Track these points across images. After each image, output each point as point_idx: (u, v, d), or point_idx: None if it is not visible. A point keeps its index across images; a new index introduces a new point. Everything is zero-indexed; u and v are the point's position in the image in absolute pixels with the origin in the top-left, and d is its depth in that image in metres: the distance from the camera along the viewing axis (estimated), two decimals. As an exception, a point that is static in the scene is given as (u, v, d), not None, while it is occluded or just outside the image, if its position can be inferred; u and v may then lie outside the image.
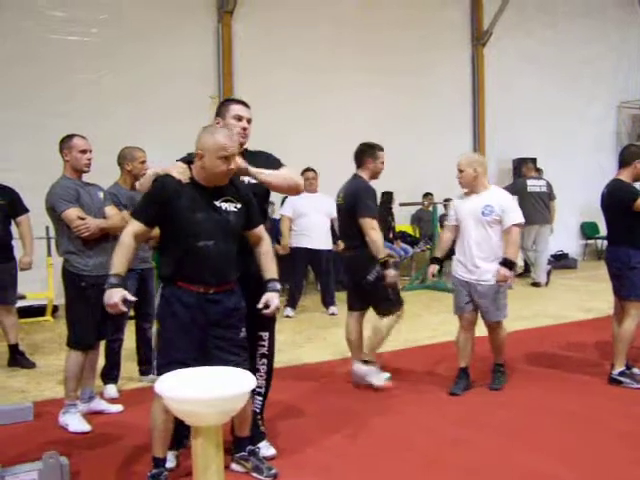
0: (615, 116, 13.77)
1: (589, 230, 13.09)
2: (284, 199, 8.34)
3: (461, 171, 4.49)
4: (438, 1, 11.49)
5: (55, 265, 6.90)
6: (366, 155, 4.70)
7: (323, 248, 7.58)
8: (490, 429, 3.81)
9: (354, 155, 4.76)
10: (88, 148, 4.02)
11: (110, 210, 4.12)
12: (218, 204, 3.02)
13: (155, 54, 8.89)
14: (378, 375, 4.67)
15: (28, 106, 8.07)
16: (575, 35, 12.86)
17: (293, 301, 7.62)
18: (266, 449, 3.41)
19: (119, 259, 2.96)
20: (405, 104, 10.92)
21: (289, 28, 9.89)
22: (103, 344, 4.38)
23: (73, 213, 3.85)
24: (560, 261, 11.73)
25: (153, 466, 3.07)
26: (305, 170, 7.66)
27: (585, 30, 13.00)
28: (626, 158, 4.65)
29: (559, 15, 12.61)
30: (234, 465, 3.29)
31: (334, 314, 7.49)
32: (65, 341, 4.02)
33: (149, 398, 3.35)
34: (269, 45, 9.69)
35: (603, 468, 3.27)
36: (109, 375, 4.61)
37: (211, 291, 3.01)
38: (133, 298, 2.98)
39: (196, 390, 2.41)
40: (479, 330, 4.68)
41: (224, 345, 3.04)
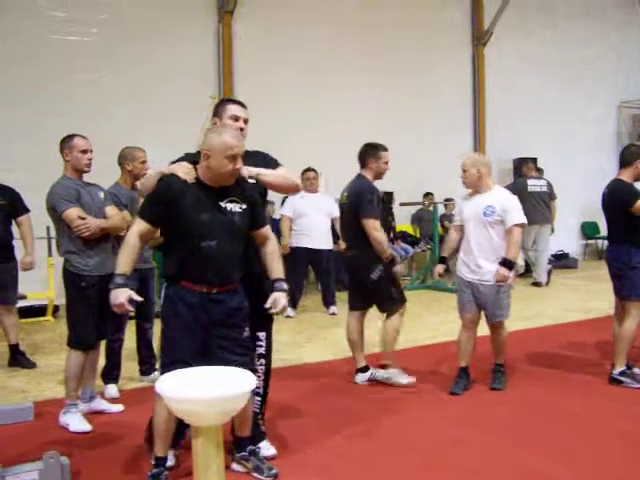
0: (615, 116, 13.76)
1: (589, 230, 13.09)
2: (284, 199, 8.33)
3: (465, 171, 4.49)
4: (438, 1, 11.49)
5: (56, 265, 6.90)
6: (369, 155, 4.70)
7: (323, 248, 7.58)
8: (490, 429, 3.81)
9: (358, 155, 4.77)
10: (89, 148, 4.02)
11: (110, 210, 4.13)
12: (223, 205, 3.01)
13: (155, 54, 8.89)
14: (402, 375, 4.73)
15: (28, 106, 8.07)
16: (575, 35, 12.86)
17: (294, 301, 7.61)
18: (267, 449, 3.41)
19: (124, 259, 2.97)
20: (405, 104, 10.92)
21: (289, 28, 9.89)
22: (104, 344, 4.38)
23: (74, 213, 3.85)
24: (561, 261, 11.73)
25: (154, 465, 3.08)
26: (305, 170, 7.67)
27: (585, 30, 12.99)
28: (627, 158, 4.64)
29: (559, 15, 12.61)
30: (235, 465, 3.29)
31: (335, 314, 7.49)
32: (66, 341, 4.02)
33: (150, 398, 3.36)
34: (269, 45, 9.69)
35: (603, 468, 3.27)
36: (110, 375, 4.61)
37: (214, 291, 3.01)
38: (139, 298, 2.98)
39: (196, 390, 2.41)
40: (480, 330, 4.68)
41: (227, 345, 3.04)
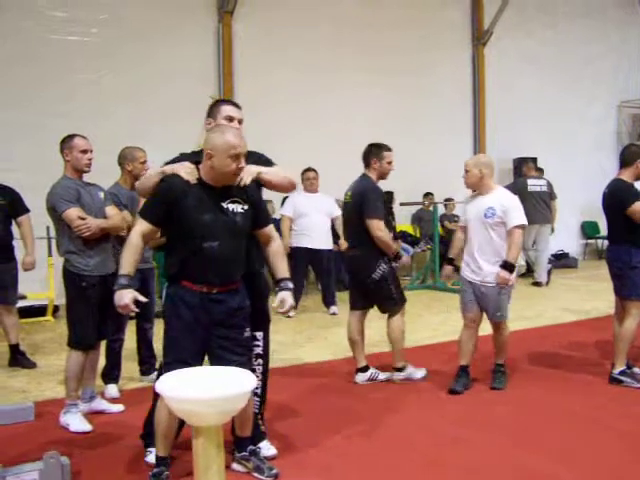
0: (615, 116, 13.76)
1: (590, 230, 13.09)
2: (284, 199, 8.34)
3: (467, 171, 4.50)
4: (438, 1, 11.49)
5: (56, 265, 6.90)
6: (372, 155, 4.70)
7: (324, 248, 7.58)
8: (490, 429, 3.81)
9: (362, 155, 4.77)
10: (89, 148, 4.02)
11: (111, 210, 4.13)
12: (225, 205, 3.01)
13: (155, 54, 8.90)
14: (416, 371, 4.79)
15: (28, 106, 8.07)
16: (575, 35, 12.85)
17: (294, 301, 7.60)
18: (267, 449, 3.41)
19: (128, 259, 2.96)
20: (405, 104, 10.92)
21: (289, 28, 9.89)
22: (104, 344, 4.38)
23: (74, 213, 3.85)
24: (561, 260, 11.73)
25: (155, 465, 3.08)
26: (305, 170, 7.67)
27: (585, 30, 12.99)
28: (627, 158, 4.64)
29: (559, 15, 12.61)
30: (235, 465, 3.29)
31: (335, 314, 7.49)
32: (66, 341, 4.02)
33: (150, 398, 3.37)
34: (269, 45, 9.69)
35: (603, 468, 3.27)
36: (110, 375, 4.61)
37: (214, 291, 3.01)
38: (144, 299, 2.98)
39: (197, 390, 2.41)
40: (481, 330, 4.68)
41: (228, 345, 3.04)
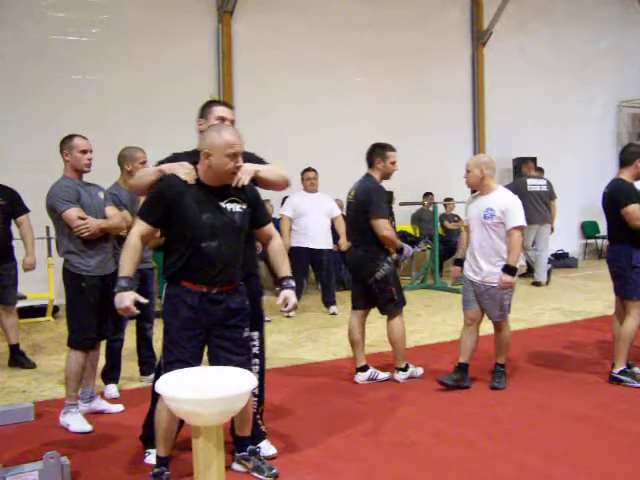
0: (615, 115, 13.75)
1: (589, 229, 13.08)
2: (284, 199, 8.34)
3: (468, 172, 4.51)
4: (438, 1, 11.48)
5: (55, 265, 6.91)
6: (376, 155, 4.71)
7: (323, 248, 7.58)
8: (490, 428, 3.81)
9: (366, 155, 4.78)
10: (89, 148, 4.02)
11: (110, 210, 4.12)
12: (224, 205, 3.01)
13: (155, 55, 8.90)
14: (417, 369, 4.86)
15: (28, 106, 8.08)
16: (575, 35, 12.84)
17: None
18: (267, 449, 3.41)
19: (127, 261, 2.95)
20: (405, 104, 10.91)
21: (289, 28, 9.89)
22: (104, 344, 4.37)
23: (73, 213, 3.85)
24: (560, 260, 11.73)
25: (155, 465, 3.08)
26: (305, 170, 7.68)
27: (585, 30, 12.97)
28: (627, 157, 4.65)
29: (559, 15, 12.59)
30: (235, 465, 3.29)
31: (334, 314, 7.49)
32: (66, 341, 4.02)
33: (150, 398, 3.37)
34: (269, 45, 9.69)
35: (603, 468, 3.27)
36: (110, 375, 4.61)
37: (214, 291, 3.00)
38: (144, 300, 2.98)
39: (196, 390, 2.41)
40: (482, 330, 4.70)
41: (227, 345, 3.04)
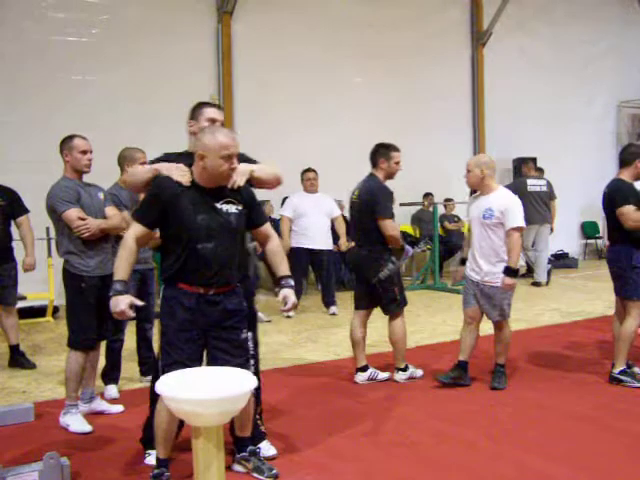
0: (615, 115, 13.75)
1: (589, 229, 13.08)
2: (284, 199, 8.34)
3: (469, 171, 4.53)
4: (438, 1, 11.49)
5: (55, 266, 6.91)
6: (380, 155, 4.71)
7: (323, 248, 7.59)
8: (490, 428, 3.81)
9: (370, 155, 4.78)
10: (88, 149, 4.02)
11: (110, 210, 4.12)
12: (219, 206, 3.01)
13: (155, 55, 8.90)
14: (417, 370, 4.85)
15: (28, 107, 8.08)
16: (575, 35, 12.84)
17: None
18: (267, 449, 3.41)
19: (122, 264, 2.95)
20: (405, 104, 10.91)
21: (288, 28, 9.89)
22: (104, 344, 4.37)
23: (73, 214, 3.85)
24: (560, 261, 11.73)
25: (155, 466, 3.08)
26: (305, 170, 7.69)
27: (585, 30, 12.97)
28: (626, 157, 4.65)
29: (559, 15, 12.59)
30: (236, 466, 3.29)
31: (334, 314, 7.49)
32: (66, 342, 4.02)
33: (148, 400, 3.37)
34: (268, 45, 9.69)
35: (603, 468, 3.27)
36: (110, 375, 4.61)
37: (211, 292, 3.00)
38: (140, 303, 2.97)
39: (196, 391, 2.41)
40: (481, 330, 4.70)
41: (225, 346, 3.04)
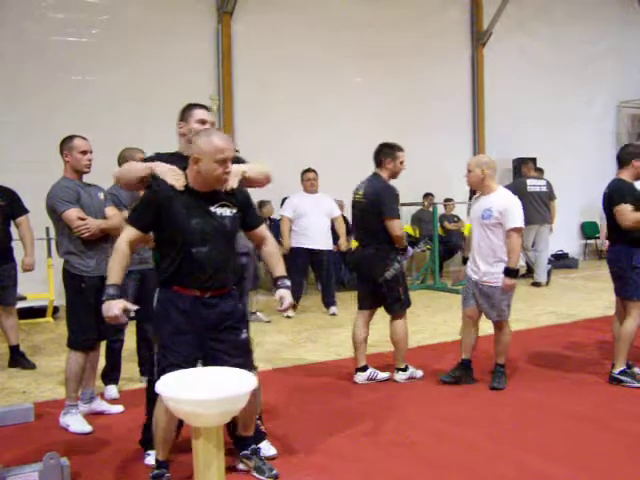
0: (615, 116, 13.75)
1: (589, 230, 13.08)
2: (284, 199, 8.34)
3: (469, 171, 4.53)
4: (438, 1, 11.48)
5: (55, 266, 6.91)
6: (385, 155, 4.70)
7: (323, 248, 7.59)
8: (490, 428, 3.81)
9: (374, 154, 4.77)
10: (89, 149, 4.02)
11: (110, 210, 4.12)
12: (213, 209, 3.00)
13: (155, 55, 8.90)
14: (417, 370, 4.85)
15: (28, 107, 8.08)
16: (575, 35, 12.84)
17: (293, 301, 7.58)
18: (267, 449, 3.41)
19: (115, 268, 2.94)
20: (405, 104, 10.91)
21: (288, 28, 9.89)
22: (104, 345, 4.37)
23: (73, 214, 3.85)
24: (560, 261, 11.73)
25: (155, 467, 3.08)
26: (305, 171, 7.69)
27: (585, 30, 12.97)
28: (624, 158, 4.67)
29: (559, 15, 12.59)
30: (240, 464, 3.28)
31: (334, 314, 7.49)
32: (65, 342, 4.02)
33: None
34: (268, 45, 9.69)
35: (603, 468, 3.27)
36: (110, 376, 4.61)
37: (207, 295, 3.00)
38: (133, 307, 2.97)
39: (196, 391, 2.41)
40: (481, 330, 4.71)
41: (222, 347, 3.03)
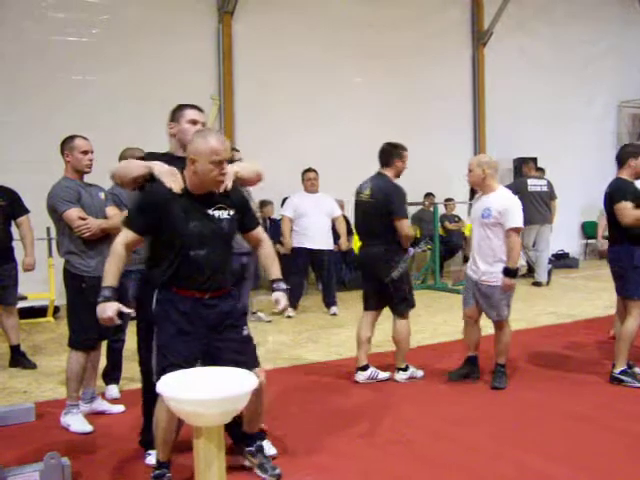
0: (615, 115, 13.75)
1: (590, 230, 13.08)
2: (284, 199, 8.34)
3: (470, 171, 4.55)
4: (438, 1, 11.49)
5: (56, 266, 6.91)
6: (393, 155, 4.70)
7: (324, 248, 7.59)
8: (490, 428, 3.81)
9: (379, 154, 4.76)
10: (89, 149, 4.02)
11: (111, 210, 4.12)
12: (211, 212, 2.99)
13: (156, 55, 8.91)
14: (417, 370, 4.87)
15: (29, 107, 8.09)
16: (575, 35, 12.84)
17: (294, 301, 7.61)
18: (267, 449, 3.40)
19: (111, 271, 2.94)
20: (405, 104, 10.91)
21: (289, 28, 9.90)
22: (104, 344, 4.38)
23: (74, 213, 3.86)
24: (561, 261, 11.73)
25: (156, 467, 3.07)
26: (306, 171, 7.69)
27: (585, 30, 12.97)
28: (621, 157, 4.70)
29: (559, 15, 12.59)
30: (245, 461, 3.29)
31: (335, 314, 7.50)
32: (66, 342, 4.03)
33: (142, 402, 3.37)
34: (269, 45, 9.70)
35: (603, 468, 3.27)
36: (111, 375, 4.61)
37: (206, 296, 3.00)
38: (127, 310, 2.97)
39: (197, 391, 2.42)
40: (482, 330, 4.71)
41: (227, 346, 3.03)
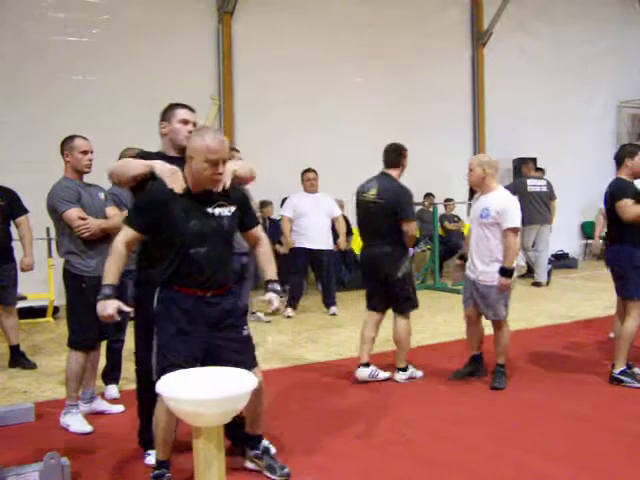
0: (615, 116, 13.76)
1: (589, 230, 13.06)
2: (284, 199, 8.34)
3: (471, 170, 4.56)
4: (438, 1, 11.49)
5: (56, 266, 6.91)
6: (400, 156, 4.71)
7: (324, 248, 7.59)
8: (490, 429, 3.81)
9: (385, 154, 4.76)
10: (89, 149, 4.02)
11: (111, 210, 4.12)
12: (211, 210, 2.99)
13: (156, 55, 8.91)
14: (417, 371, 4.87)
15: (29, 107, 8.09)
16: (575, 35, 12.85)
17: (293, 301, 7.62)
18: (267, 448, 3.41)
19: (111, 269, 2.95)
20: (405, 104, 10.92)
21: (289, 28, 9.90)
22: (104, 344, 4.38)
23: (74, 213, 3.86)
24: (561, 261, 11.74)
25: (155, 467, 3.07)
26: (305, 171, 7.69)
27: (585, 30, 12.98)
28: (619, 157, 4.72)
29: (559, 15, 12.60)
30: (248, 463, 3.28)
31: (335, 314, 7.50)
32: (66, 342, 4.02)
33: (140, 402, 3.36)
34: (269, 45, 9.70)
35: (603, 468, 3.27)
36: (110, 375, 4.61)
37: (208, 294, 3.00)
38: (127, 308, 2.97)
39: (197, 391, 2.42)
40: (485, 330, 4.73)
41: (227, 345, 3.03)
